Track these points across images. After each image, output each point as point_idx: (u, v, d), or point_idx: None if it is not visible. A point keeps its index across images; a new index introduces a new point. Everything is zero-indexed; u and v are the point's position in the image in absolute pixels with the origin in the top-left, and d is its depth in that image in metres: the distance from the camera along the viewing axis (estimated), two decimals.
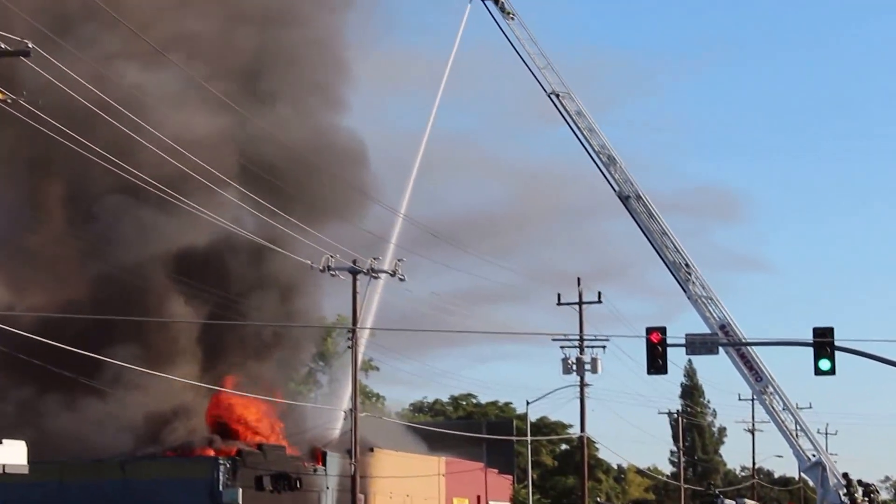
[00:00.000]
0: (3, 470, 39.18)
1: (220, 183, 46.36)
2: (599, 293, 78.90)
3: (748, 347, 67.28)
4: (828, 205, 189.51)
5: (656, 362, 46.76)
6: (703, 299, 68.78)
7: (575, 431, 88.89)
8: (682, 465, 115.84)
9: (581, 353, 75.51)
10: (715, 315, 68.44)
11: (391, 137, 68.79)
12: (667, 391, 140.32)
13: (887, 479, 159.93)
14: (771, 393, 68.98)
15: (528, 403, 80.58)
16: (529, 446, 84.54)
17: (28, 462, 40.43)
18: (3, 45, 32.25)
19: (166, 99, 52.87)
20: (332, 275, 51.44)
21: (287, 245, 52.03)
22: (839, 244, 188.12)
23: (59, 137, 38.20)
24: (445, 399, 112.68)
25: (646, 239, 70.02)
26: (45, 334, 40.54)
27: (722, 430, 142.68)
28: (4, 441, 40.27)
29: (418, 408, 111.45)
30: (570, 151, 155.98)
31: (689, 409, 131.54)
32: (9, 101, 32.94)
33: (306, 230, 52.18)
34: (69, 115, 37.81)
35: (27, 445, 40.74)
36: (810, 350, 45.52)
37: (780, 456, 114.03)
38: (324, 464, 57.97)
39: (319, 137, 61.09)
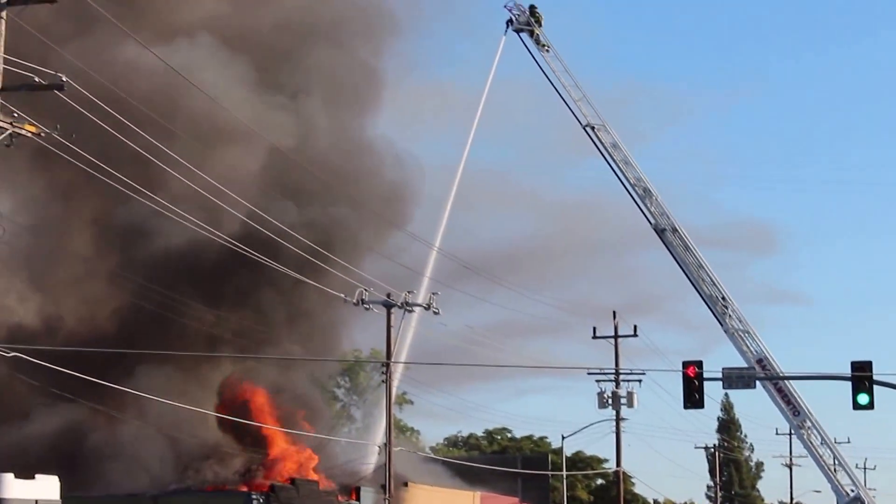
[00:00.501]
0: None
1: (255, 217, 46.24)
2: (635, 326, 78.73)
3: (786, 381, 66.78)
4: (865, 237, 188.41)
5: (693, 396, 46.43)
6: (740, 333, 68.33)
7: (611, 466, 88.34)
8: (719, 500, 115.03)
9: (617, 387, 75.13)
10: (752, 349, 67.99)
11: (425, 170, 68.70)
12: (703, 425, 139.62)
13: None
14: (809, 427, 68.42)
15: (563, 438, 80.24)
16: (565, 481, 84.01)
17: (61, 497, 40.24)
18: (37, 79, 32.29)
19: (196, 119, 52.77)
20: (367, 308, 51.30)
21: (321, 278, 51.88)
22: (876, 276, 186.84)
23: (93, 172, 38.22)
24: (480, 433, 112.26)
25: (682, 272, 69.70)
26: (79, 351, 40.51)
27: (759, 465, 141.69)
28: (37, 476, 40.10)
29: (453, 442, 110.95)
30: (606, 184, 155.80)
31: (725, 444, 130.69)
32: (42, 134, 32.94)
33: (340, 263, 52.03)
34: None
35: (59, 479, 40.59)
36: (848, 384, 45.11)
37: (818, 491, 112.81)
38: (358, 498, 57.63)
39: (353, 169, 61.01)
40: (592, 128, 69.92)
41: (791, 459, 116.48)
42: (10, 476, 38.59)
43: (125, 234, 54.25)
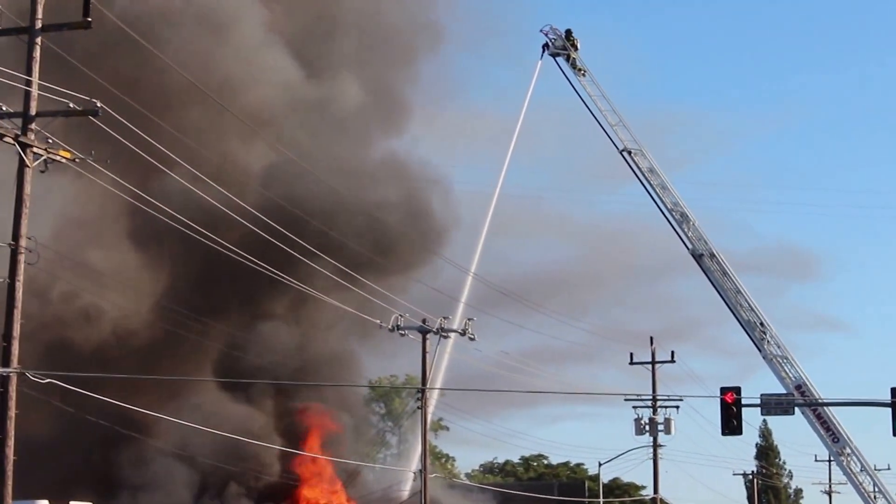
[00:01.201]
0: None
1: (289, 241, 46.08)
2: (672, 352, 78.14)
3: (825, 408, 66.25)
4: None
5: (731, 423, 46.11)
6: (779, 359, 67.89)
7: (648, 493, 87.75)
8: None
9: (654, 414, 74.67)
10: (791, 374, 67.55)
11: (461, 195, 68.77)
12: (741, 452, 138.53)
13: None
14: (848, 454, 67.86)
15: (600, 464, 79.75)
16: None
17: None
18: (71, 105, 32.26)
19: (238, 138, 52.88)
20: (402, 334, 51.08)
21: (356, 304, 51.72)
22: None
23: (128, 197, 38.21)
24: (516, 460, 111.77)
25: (720, 298, 69.34)
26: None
27: (798, 492, 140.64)
28: (72, 502, 40.11)
29: (489, 468, 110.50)
30: (643, 209, 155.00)
31: (764, 471, 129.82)
32: (77, 160, 32.88)
33: (376, 289, 51.89)
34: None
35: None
36: (888, 410, 44.74)
37: None
38: None
39: (389, 196, 60.93)
40: (629, 152, 69.77)
41: (830, 486, 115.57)
42: (44, 502, 38.60)
43: (159, 243, 54.39)
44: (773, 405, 49.72)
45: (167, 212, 38.62)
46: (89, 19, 32.50)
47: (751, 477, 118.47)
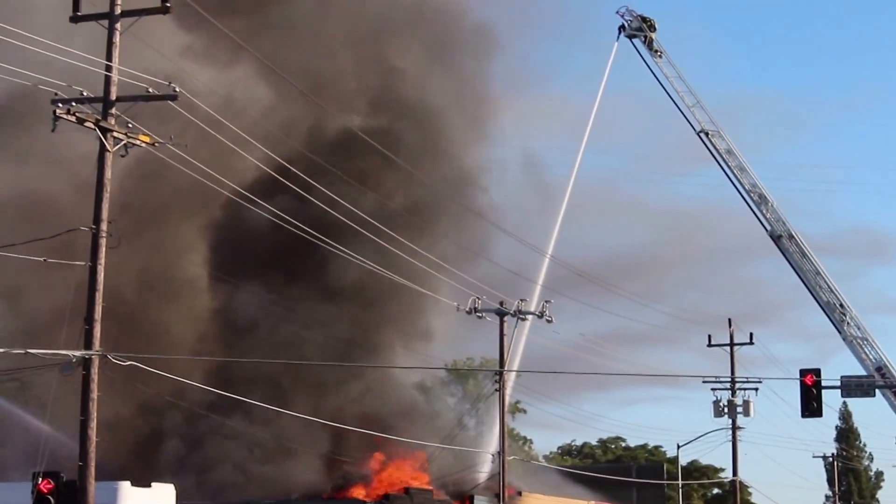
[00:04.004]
0: None
1: (367, 225, 46.22)
2: (751, 334, 77.64)
3: None
4: None
5: (811, 405, 45.87)
6: (859, 340, 67.31)
7: (727, 475, 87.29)
8: None
9: (733, 396, 74.23)
10: (871, 357, 66.94)
11: (538, 180, 68.69)
12: (821, 434, 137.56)
13: None
14: None
15: (678, 447, 79.43)
16: (681, 490, 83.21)
17: None
18: (150, 90, 32.57)
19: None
20: (479, 317, 51.10)
21: (433, 286, 51.79)
22: None
23: (205, 181, 38.48)
24: (594, 442, 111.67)
25: (798, 279, 68.84)
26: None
27: (879, 475, 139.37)
28: (153, 484, 40.47)
29: (566, 451, 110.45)
30: (720, 192, 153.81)
31: (844, 453, 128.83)
32: (156, 144, 33.17)
33: (453, 271, 51.92)
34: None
35: (175, 488, 40.92)
36: None
37: None
38: None
39: (467, 178, 60.90)
40: (707, 134, 69.38)
41: None
42: (126, 484, 39.01)
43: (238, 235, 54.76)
44: (853, 387, 49.48)
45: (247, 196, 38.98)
46: (168, 4, 32.80)
47: (831, 459, 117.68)
